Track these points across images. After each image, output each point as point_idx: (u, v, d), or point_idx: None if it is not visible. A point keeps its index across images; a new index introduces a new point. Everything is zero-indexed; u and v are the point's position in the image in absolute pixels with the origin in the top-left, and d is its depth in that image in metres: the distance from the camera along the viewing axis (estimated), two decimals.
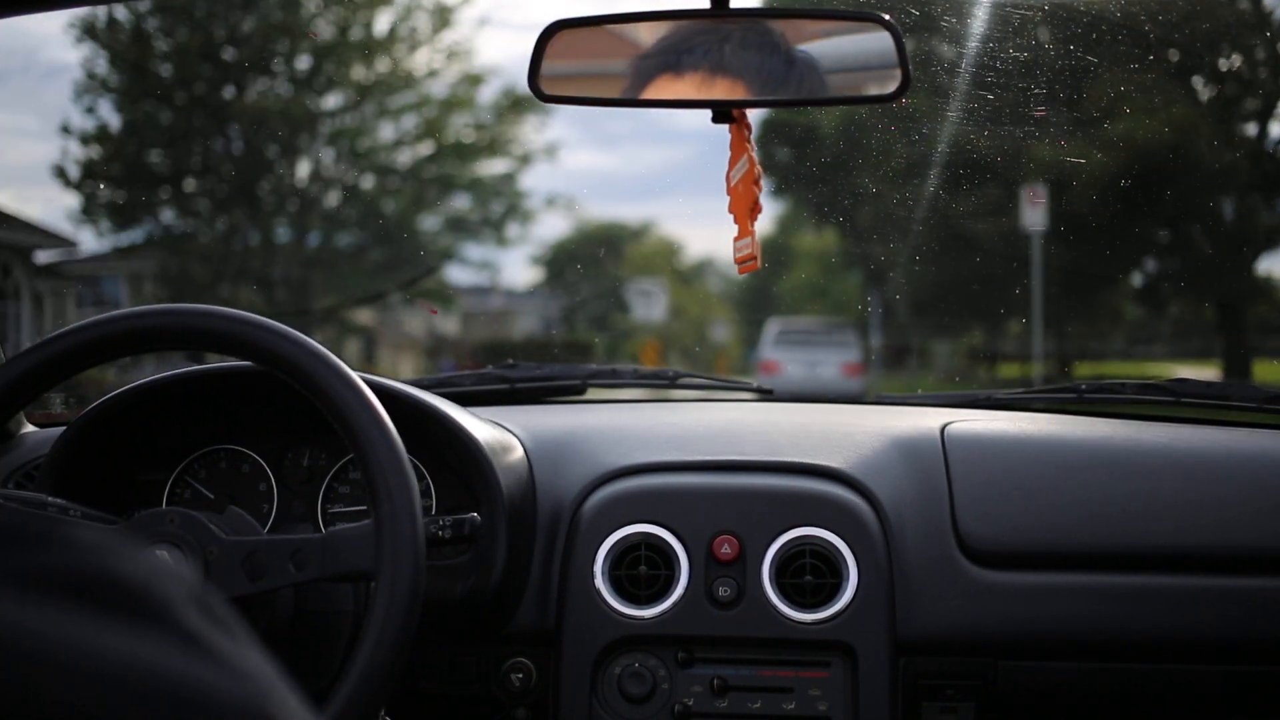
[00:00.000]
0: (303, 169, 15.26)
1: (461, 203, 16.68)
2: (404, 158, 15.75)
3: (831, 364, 16.14)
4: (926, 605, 1.37)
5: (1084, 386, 1.71)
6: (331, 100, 15.29)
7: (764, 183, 1.26)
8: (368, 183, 15.88)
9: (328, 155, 15.33)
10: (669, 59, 1.21)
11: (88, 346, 1.15)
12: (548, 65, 1.21)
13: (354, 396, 1.10)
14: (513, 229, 17.38)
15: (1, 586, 0.37)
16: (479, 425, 1.38)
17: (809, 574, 1.36)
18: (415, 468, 1.36)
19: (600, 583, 1.37)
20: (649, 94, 1.22)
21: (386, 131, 15.51)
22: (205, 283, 13.79)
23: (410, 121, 15.48)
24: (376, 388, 1.20)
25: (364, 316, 17.26)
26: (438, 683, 1.39)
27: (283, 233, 15.19)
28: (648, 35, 1.22)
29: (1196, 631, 1.37)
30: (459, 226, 16.45)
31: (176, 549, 1.12)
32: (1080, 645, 1.38)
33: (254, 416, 1.40)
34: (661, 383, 1.86)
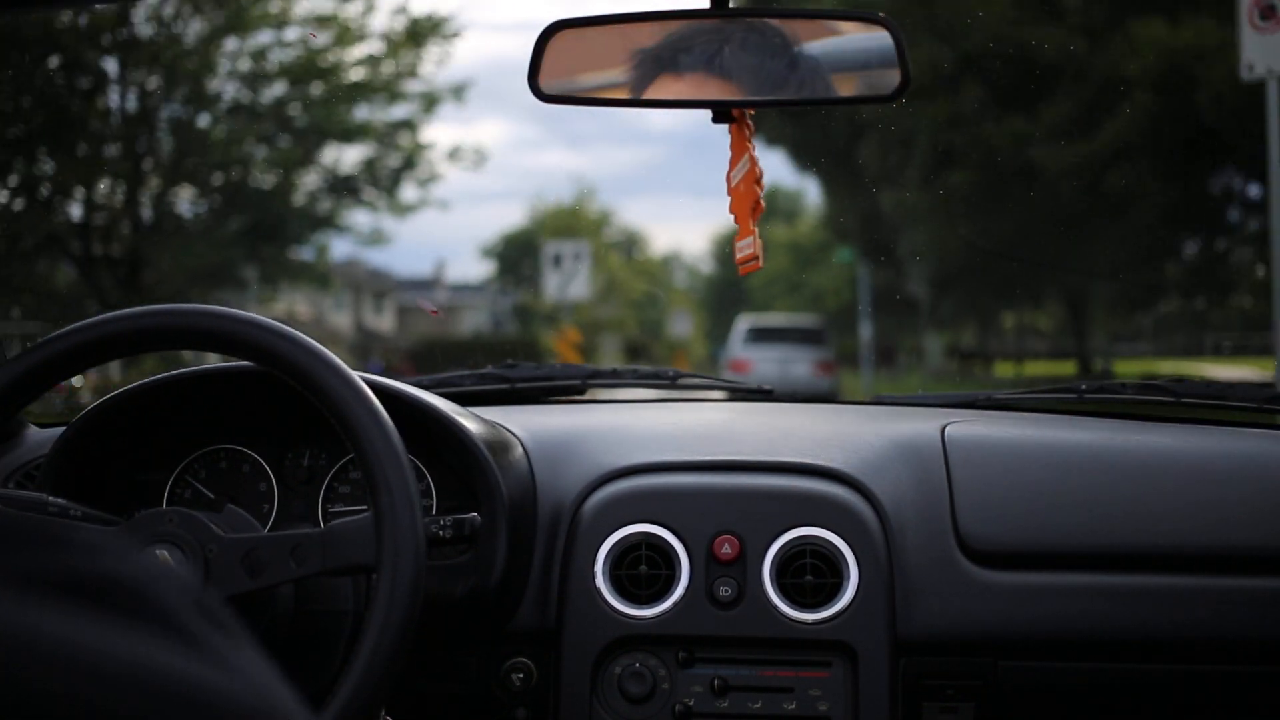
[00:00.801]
0: (129, 107, 15.14)
1: (350, 155, 16.65)
2: (265, 96, 15.77)
3: (803, 362, 17.95)
4: (927, 605, 1.72)
5: (1084, 386, 2.13)
6: (163, 18, 15.18)
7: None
8: (219, 131, 15.77)
9: (162, 89, 15.21)
10: (669, 59, 1.54)
11: (88, 346, 1.47)
12: (547, 66, 1.53)
13: (351, 393, 1.42)
14: (410, 192, 17.51)
15: (2, 587, 0.44)
16: (479, 425, 1.74)
17: (809, 574, 1.71)
18: (415, 467, 1.67)
19: (601, 582, 1.73)
20: (649, 94, 1.55)
21: (241, 62, 15.53)
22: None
23: (273, 49, 15.53)
24: (376, 387, 1.54)
25: (287, 306, 17.08)
26: (438, 683, 1.74)
27: (109, 195, 15.06)
28: (647, 35, 1.55)
29: (1196, 631, 1.70)
30: (341, 186, 16.50)
31: (176, 548, 1.42)
32: (1080, 645, 1.71)
33: (254, 416, 1.75)
34: (661, 382, 2.28)
